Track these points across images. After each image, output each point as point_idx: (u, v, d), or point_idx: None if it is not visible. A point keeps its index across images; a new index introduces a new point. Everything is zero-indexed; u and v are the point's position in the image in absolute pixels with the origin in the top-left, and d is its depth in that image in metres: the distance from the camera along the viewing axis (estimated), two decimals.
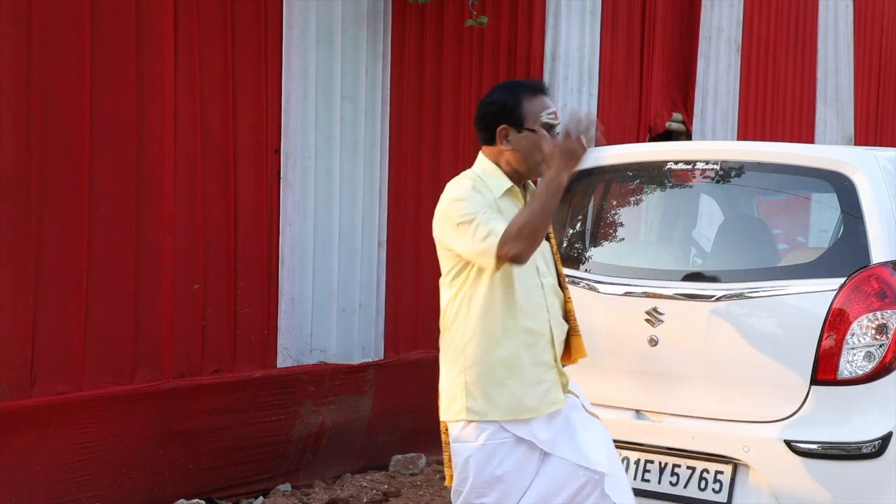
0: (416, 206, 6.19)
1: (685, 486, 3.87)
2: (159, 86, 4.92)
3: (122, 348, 4.80)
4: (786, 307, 3.79)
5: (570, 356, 3.35)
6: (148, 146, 4.88)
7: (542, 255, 3.29)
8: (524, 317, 3.17)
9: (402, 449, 6.04)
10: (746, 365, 3.80)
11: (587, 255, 4.45)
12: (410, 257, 6.18)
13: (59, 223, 4.57)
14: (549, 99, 3.26)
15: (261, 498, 5.34)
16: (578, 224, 4.53)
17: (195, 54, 5.06)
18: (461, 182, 3.22)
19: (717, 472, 3.81)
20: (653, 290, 4.03)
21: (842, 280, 3.66)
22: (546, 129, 3.19)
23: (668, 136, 8.60)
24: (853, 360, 3.60)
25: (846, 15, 10.78)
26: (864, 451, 3.56)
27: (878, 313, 3.59)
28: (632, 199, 4.65)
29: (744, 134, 9.34)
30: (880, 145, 11.07)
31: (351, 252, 5.86)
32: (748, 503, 3.74)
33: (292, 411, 5.44)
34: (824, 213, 4.33)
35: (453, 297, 3.21)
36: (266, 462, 5.37)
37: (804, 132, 10.16)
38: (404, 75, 6.12)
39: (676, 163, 4.21)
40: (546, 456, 3.19)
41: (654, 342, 3.97)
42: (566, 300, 3.35)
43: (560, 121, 3.22)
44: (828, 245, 4.02)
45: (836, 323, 3.62)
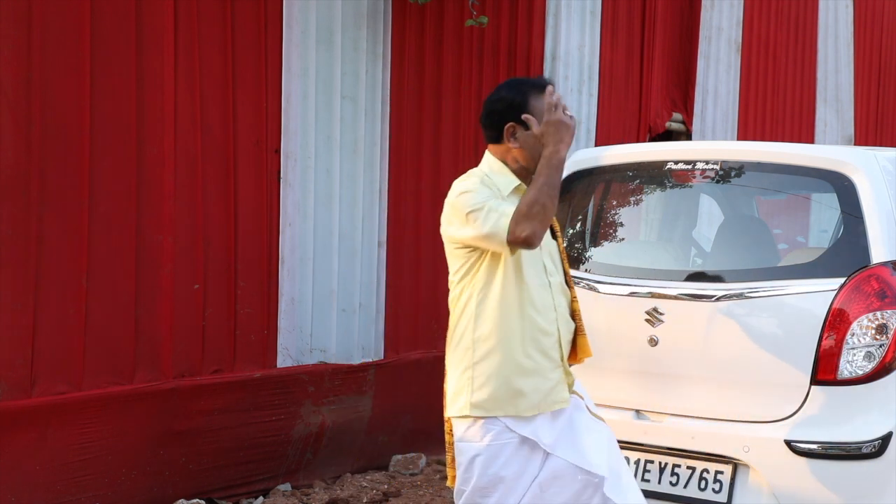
0: (416, 206, 6.19)
1: (685, 486, 3.87)
2: (159, 86, 4.92)
3: (122, 348, 4.80)
4: (786, 307, 3.79)
5: (575, 356, 3.34)
6: (148, 146, 4.88)
7: (550, 253, 3.28)
8: (533, 315, 3.16)
9: (402, 449, 6.04)
10: (746, 365, 3.80)
11: (587, 255, 4.45)
12: (410, 257, 6.18)
13: (59, 223, 4.57)
14: (553, 91, 3.23)
15: (261, 498, 5.34)
16: (578, 224, 4.53)
17: (195, 54, 5.06)
18: (469, 178, 3.21)
19: (717, 472, 3.81)
20: (653, 290, 4.03)
21: (842, 280, 3.66)
22: None
23: (668, 136, 8.60)
24: (853, 360, 3.60)
25: (846, 15, 10.78)
26: (864, 451, 3.56)
27: (878, 313, 3.59)
28: (632, 199, 4.65)
29: (744, 134, 9.34)
30: (880, 145, 11.06)
31: (351, 252, 5.86)
32: (748, 503, 3.74)
33: (292, 411, 5.44)
34: (824, 213, 4.33)
35: (461, 295, 3.20)
36: (266, 462, 5.37)
37: (804, 132, 10.16)
38: (404, 75, 6.12)
39: (676, 163, 4.21)
40: (548, 456, 3.19)
41: (654, 342, 3.97)
42: (572, 299, 3.35)
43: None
44: (828, 245, 4.02)
45: (836, 323, 3.62)
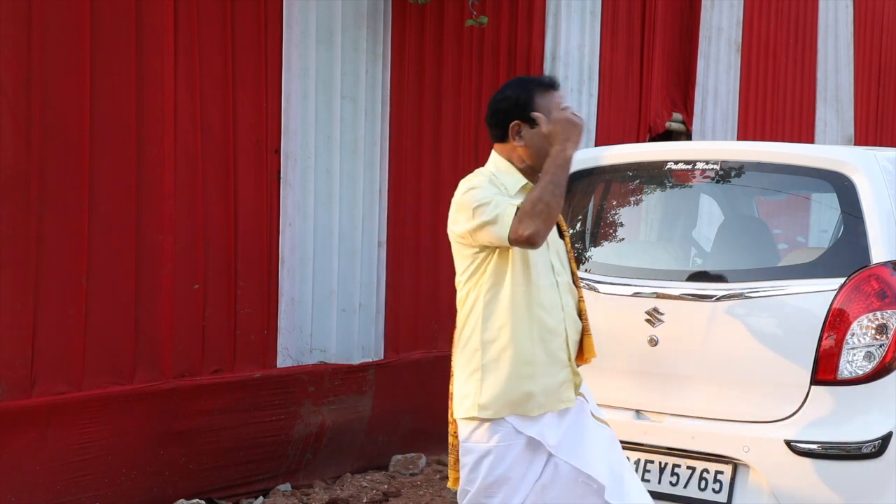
0: (416, 206, 6.19)
1: (685, 486, 3.87)
2: (159, 86, 4.92)
3: (122, 348, 4.80)
4: (786, 307, 3.79)
5: (582, 356, 3.32)
6: (148, 146, 4.88)
7: (557, 252, 3.27)
8: (541, 315, 3.15)
9: (402, 449, 6.04)
10: (746, 365, 3.80)
11: (587, 255, 4.45)
12: (410, 257, 6.18)
13: (59, 223, 4.57)
14: (560, 94, 3.24)
15: (261, 498, 5.34)
16: (578, 224, 4.53)
17: (195, 54, 5.06)
18: (476, 177, 3.20)
19: (717, 472, 3.81)
20: (653, 290, 4.03)
21: (842, 280, 3.66)
22: None
23: (668, 136, 8.60)
24: (853, 360, 3.60)
25: (846, 15, 10.78)
26: (864, 451, 3.56)
27: (878, 313, 3.59)
28: (632, 199, 4.65)
29: (744, 134, 9.34)
30: (880, 145, 11.06)
31: (351, 252, 5.86)
32: (748, 503, 3.74)
33: (292, 411, 5.44)
34: (824, 213, 4.33)
35: (468, 296, 3.19)
36: (266, 462, 5.37)
37: (804, 132, 10.16)
38: (404, 75, 6.12)
39: (676, 163, 4.21)
40: (551, 458, 3.17)
41: (654, 342, 3.97)
42: (580, 299, 3.33)
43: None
44: (828, 245, 4.02)
45: (836, 323, 3.62)
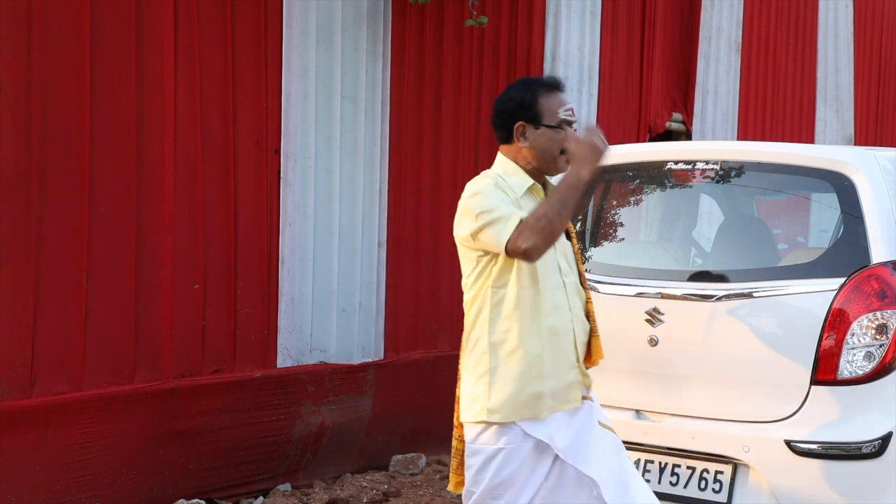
0: (416, 206, 6.19)
1: (685, 486, 3.87)
2: (159, 86, 4.92)
3: (122, 348, 4.80)
4: (786, 307, 3.79)
5: (590, 358, 3.30)
6: (148, 146, 4.88)
7: (564, 253, 3.25)
8: (548, 317, 3.13)
9: (402, 449, 6.04)
10: (746, 365, 3.80)
11: (587, 255, 4.46)
12: (410, 257, 6.18)
13: (59, 223, 4.57)
14: (565, 95, 3.23)
15: (261, 498, 5.34)
16: (578, 224, 4.53)
17: (195, 54, 5.06)
18: (482, 180, 3.20)
19: (717, 472, 3.81)
20: (653, 290, 4.03)
21: (842, 280, 3.66)
22: (563, 125, 3.17)
23: (668, 136, 8.60)
24: (853, 360, 3.60)
25: (846, 15, 10.78)
26: (864, 451, 3.56)
27: (878, 313, 3.59)
28: (632, 199, 4.65)
29: (744, 134, 9.34)
30: (880, 145, 11.06)
31: (351, 252, 5.86)
32: (748, 503, 3.74)
33: (292, 411, 5.44)
34: (824, 213, 4.34)
35: (475, 299, 3.17)
36: (266, 462, 5.37)
37: (804, 132, 10.16)
38: (404, 75, 6.12)
39: (676, 163, 4.21)
40: (557, 460, 3.16)
41: (654, 342, 3.97)
42: (587, 300, 3.31)
43: (577, 118, 3.21)
44: (828, 245, 4.02)
45: (836, 323, 3.62)
